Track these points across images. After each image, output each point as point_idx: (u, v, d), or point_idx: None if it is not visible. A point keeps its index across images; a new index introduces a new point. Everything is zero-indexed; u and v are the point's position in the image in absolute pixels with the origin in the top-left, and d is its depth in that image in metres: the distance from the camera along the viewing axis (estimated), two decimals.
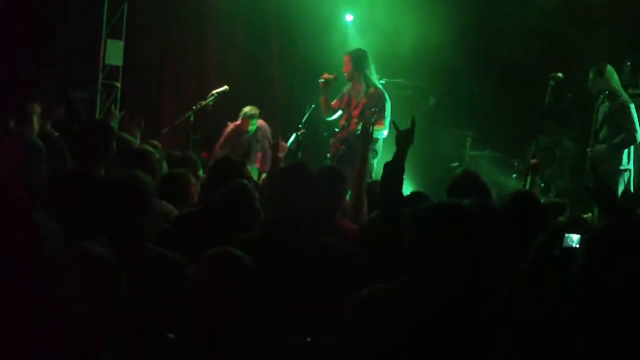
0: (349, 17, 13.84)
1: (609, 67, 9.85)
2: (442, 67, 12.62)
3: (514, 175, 12.16)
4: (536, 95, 10.72)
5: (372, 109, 9.80)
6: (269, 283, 3.77)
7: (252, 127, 12.22)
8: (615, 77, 9.90)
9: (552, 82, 9.20)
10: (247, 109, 12.25)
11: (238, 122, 12.30)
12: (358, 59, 10.39)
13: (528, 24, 12.13)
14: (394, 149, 5.11)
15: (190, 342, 3.43)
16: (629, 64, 10.96)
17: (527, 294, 3.75)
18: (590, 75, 9.88)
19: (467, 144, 12.68)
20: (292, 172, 5.41)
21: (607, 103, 9.87)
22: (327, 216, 5.42)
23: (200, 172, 7.82)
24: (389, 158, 5.08)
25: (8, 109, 9.26)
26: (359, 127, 9.92)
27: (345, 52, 10.72)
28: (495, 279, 3.93)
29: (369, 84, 10.26)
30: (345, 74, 10.46)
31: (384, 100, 10.12)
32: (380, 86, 10.33)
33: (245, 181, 5.68)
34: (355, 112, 10.28)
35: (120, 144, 6.79)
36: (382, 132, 9.84)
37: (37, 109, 9.42)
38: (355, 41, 13.37)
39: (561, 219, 5.88)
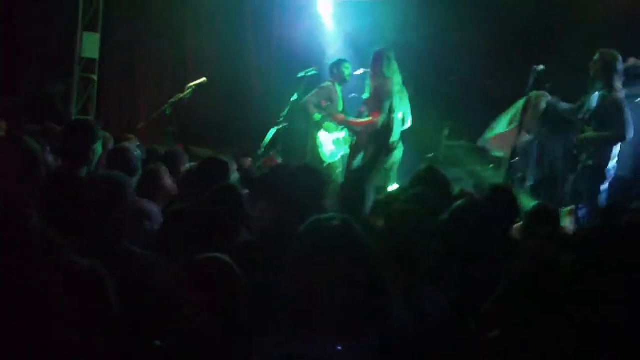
0: (324, 7, 13.77)
1: (615, 55, 9.30)
2: (420, 58, 12.60)
3: (490, 166, 12.17)
4: (514, 85, 10.76)
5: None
6: (257, 292, 3.74)
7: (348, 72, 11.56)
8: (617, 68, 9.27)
9: (534, 75, 9.12)
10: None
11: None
12: (372, 62, 10.56)
13: (509, 13, 12.13)
14: None
15: (178, 350, 3.39)
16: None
17: (518, 296, 3.74)
18: (596, 56, 9.34)
19: (445, 134, 12.68)
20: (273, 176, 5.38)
21: (599, 94, 9.26)
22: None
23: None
24: None
25: None
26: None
27: None
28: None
29: (374, 82, 10.45)
30: None
31: (381, 94, 10.36)
32: (387, 79, 10.41)
33: (233, 183, 5.65)
34: (362, 109, 10.75)
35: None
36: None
37: (3, 125, 9.20)
38: (333, 31, 13.39)
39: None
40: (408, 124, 10.69)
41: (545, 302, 3.59)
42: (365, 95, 10.55)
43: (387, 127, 10.22)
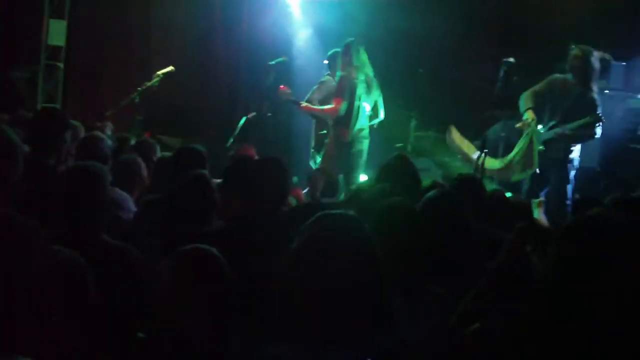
0: None
1: (591, 51, 9.29)
2: (388, 50, 12.60)
3: (459, 156, 12.21)
4: (482, 75, 10.80)
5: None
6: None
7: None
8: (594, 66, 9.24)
9: (504, 68, 9.09)
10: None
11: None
12: (342, 52, 10.64)
13: (477, 6, 12.18)
14: None
15: (162, 343, 3.34)
16: (573, 46, 10.97)
17: (499, 290, 3.75)
18: (575, 51, 9.34)
19: (412, 125, 12.69)
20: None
21: (576, 89, 9.26)
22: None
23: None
24: None
25: None
26: None
27: None
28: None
29: (342, 72, 10.56)
30: None
31: (339, 83, 10.43)
32: (354, 68, 10.47)
33: (205, 171, 5.60)
34: None
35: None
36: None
37: None
38: (299, 22, 13.38)
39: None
40: (381, 116, 10.68)
41: (526, 298, 3.60)
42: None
43: (349, 114, 10.27)
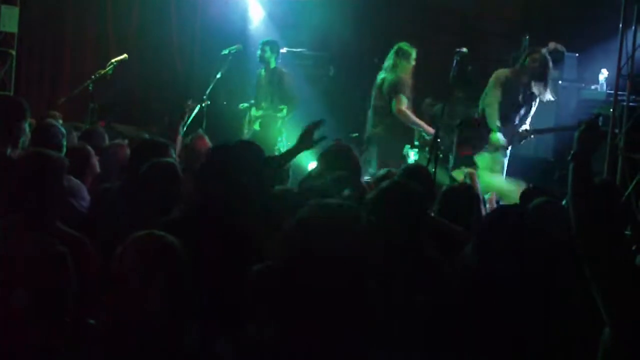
0: None
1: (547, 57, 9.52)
2: (344, 37, 12.64)
3: (415, 144, 12.26)
4: (437, 66, 10.84)
5: None
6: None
7: None
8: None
9: (457, 58, 9.17)
10: None
11: None
12: None
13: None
14: None
15: (113, 330, 3.32)
16: (527, 37, 11.11)
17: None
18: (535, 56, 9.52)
19: (369, 114, 12.73)
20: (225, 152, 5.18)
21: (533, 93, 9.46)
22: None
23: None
24: None
25: None
26: None
27: None
28: None
29: None
30: None
31: None
32: None
33: (171, 160, 5.55)
34: None
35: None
36: None
37: None
38: (256, 10, 13.37)
39: None
40: None
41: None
42: None
43: None
